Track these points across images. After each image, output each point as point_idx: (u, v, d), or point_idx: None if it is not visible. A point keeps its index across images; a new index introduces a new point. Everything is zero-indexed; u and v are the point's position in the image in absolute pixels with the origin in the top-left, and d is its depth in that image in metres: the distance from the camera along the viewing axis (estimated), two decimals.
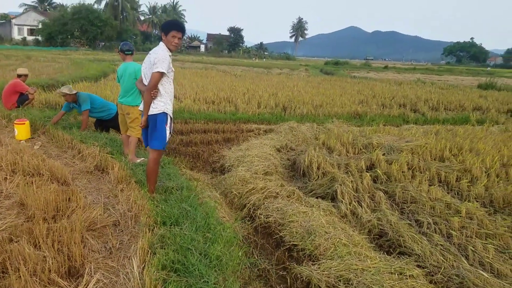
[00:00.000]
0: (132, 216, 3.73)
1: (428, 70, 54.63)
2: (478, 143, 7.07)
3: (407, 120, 11.79)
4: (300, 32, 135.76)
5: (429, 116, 12.34)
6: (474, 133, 8.36)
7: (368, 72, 41.47)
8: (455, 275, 3.57)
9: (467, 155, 6.32)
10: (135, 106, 5.82)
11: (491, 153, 6.41)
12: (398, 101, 14.53)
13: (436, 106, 14.02)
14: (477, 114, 12.90)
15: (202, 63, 39.93)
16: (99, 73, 18.42)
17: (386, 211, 4.65)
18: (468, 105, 14.35)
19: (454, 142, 7.06)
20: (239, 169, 6.06)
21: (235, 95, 13.29)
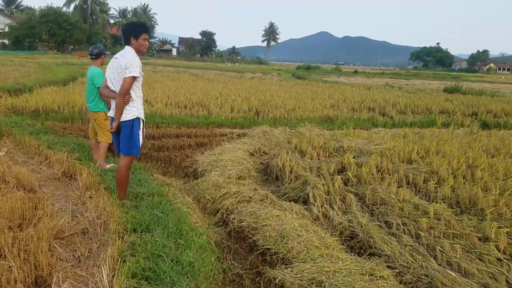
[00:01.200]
0: (102, 223, 3.65)
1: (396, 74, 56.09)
2: (444, 146, 7.29)
3: (376, 124, 12.05)
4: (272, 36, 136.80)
5: (397, 120, 12.66)
6: (440, 136, 8.62)
7: (339, 76, 42.18)
8: (424, 275, 3.66)
9: (434, 157, 6.50)
10: (98, 111, 5.74)
11: (457, 155, 6.63)
12: (367, 105, 14.83)
13: (404, 110, 14.39)
14: (443, 117, 13.32)
15: (174, 67, 39.61)
16: (67, 77, 17.99)
17: (356, 213, 4.73)
18: (434, 108, 14.80)
19: (421, 145, 7.27)
20: (212, 173, 6.02)
21: (207, 99, 13.24)
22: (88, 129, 6.30)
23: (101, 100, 5.71)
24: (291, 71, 47.40)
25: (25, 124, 7.70)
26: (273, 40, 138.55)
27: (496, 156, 7.00)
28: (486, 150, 7.52)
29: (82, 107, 10.05)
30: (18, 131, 6.96)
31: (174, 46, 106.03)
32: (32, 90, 12.73)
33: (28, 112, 9.72)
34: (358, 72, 56.68)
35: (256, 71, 41.09)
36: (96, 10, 72.49)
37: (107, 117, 5.70)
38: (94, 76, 5.70)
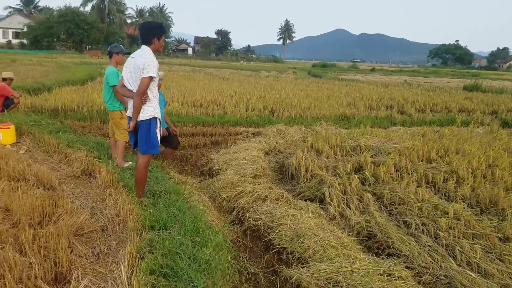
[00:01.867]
0: (120, 220, 3.69)
1: (414, 72, 55.29)
2: (464, 145, 7.17)
3: (394, 122, 11.90)
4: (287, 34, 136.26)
5: (416, 118, 12.48)
6: (460, 135, 8.48)
7: (356, 74, 41.80)
8: (443, 275, 3.60)
9: (454, 157, 6.40)
10: (114, 110, 5.82)
11: (477, 154, 6.50)
12: (385, 103, 14.66)
13: (422, 108, 14.19)
14: (463, 116, 13.09)
15: (190, 66, 39.85)
16: (85, 77, 18.24)
17: (374, 212, 4.68)
18: (454, 106, 14.55)
19: (440, 144, 7.15)
20: (227, 172, 6.04)
21: (223, 98, 13.27)
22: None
23: (116, 99, 5.77)
24: (306, 69, 47.18)
25: (44, 123, 7.84)
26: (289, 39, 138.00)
27: None
28: (506, 149, 7.36)
29: (101, 106, 10.19)
30: (38, 129, 7.10)
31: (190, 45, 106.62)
32: (51, 90, 12.96)
33: (47, 111, 9.90)
34: (375, 70, 56.09)
35: (271, 70, 41.02)
36: (113, 10, 73.29)
37: (122, 116, 5.77)
38: (108, 75, 5.77)
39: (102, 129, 8.81)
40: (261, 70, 39.23)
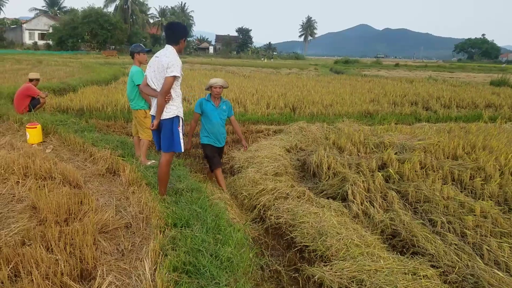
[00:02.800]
0: (144, 218, 3.74)
1: (439, 67, 54.04)
2: (491, 141, 6.96)
3: (419, 118, 11.66)
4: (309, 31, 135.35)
5: (441, 114, 12.19)
6: (487, 131, 8.24)
7: (379, 70, 41.15)
8: (470, 274, 3.51)
9: (480, 153, 6.22)
10: (138, 109, 5.89)
11: (505, 151, 6.31)
12: (409, 99, 14.39)
13: (448, 104, 13.86)
14: (490, 111, 12.72)
15: (211, 64, 40.07)
16: (110, 77, 18.57)
17: (399, 211, 4.60)
18: (480, 102, 14.15)
19: (467, 140, 6.97)
20: (248, 170, 6.05)
21: (244, 96, 13.29)
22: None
23: (141, 98, 5.85)
24: (328, 66, 46.76)
25: (70, 122, 8.02)
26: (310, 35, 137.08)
27: None
28: None
29: (125, 105, 10.36)
30: (64, 129, 7.26)
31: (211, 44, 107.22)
32: (76, 90, 13.25)
33: (73, 110, 10.14)
34: (399, 65, 55.06)
35: (293, 67, 40.83)
36: (136, 10, 74.34)
37: (146, 115, 5.84)
38: (133, 75, 5.85)
39: (126, 128, 8.96)
40: (282, 67, 39.10)
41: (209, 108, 5.42)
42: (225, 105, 5.56)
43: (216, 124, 5.45)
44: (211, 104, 5.43)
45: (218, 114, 5.46)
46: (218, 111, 5.47)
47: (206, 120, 5.46)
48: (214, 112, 5.43)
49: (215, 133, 5.48)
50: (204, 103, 5.45)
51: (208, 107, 5.42)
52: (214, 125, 5.45)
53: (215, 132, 5.47)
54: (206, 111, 5.42)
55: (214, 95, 5.40)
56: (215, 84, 5.37)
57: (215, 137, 5.51)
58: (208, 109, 5.42)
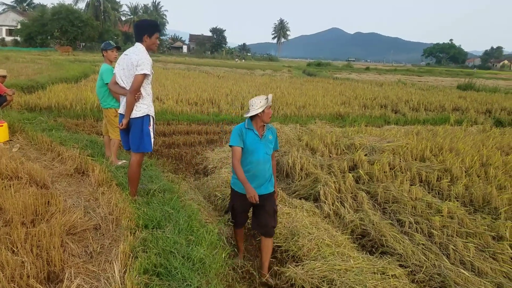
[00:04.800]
0: (114, 219, 3.66)
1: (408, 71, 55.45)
2: (458, 143, 7.20)
3: (388, 121, 11.94)
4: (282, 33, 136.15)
5: (410, 117, 12.52)
6: (453, 133, 8.52)
7: (350, 73, 41.85)
8: (437, 274, 3.62)
9: (447, 155, 6.42)
10: (108, 108, 5.79)
11: (470, 153, 6.54)
12: (379, 102, 14.70)
13: (416, 107, 14.24)
14: (457, 115, 13.16)
15: (185, 64, 39.71)
16: (79, 74, 18.12)
17: (368, 211, 4.70)
18: (448, 105, 14.61)
19: (434, 142, 7.18)
20: (222, 170, 6.03)
21: (218, 96, 13.27)
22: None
23: (111, 97, 5.74)
24: (301, 68, 47.18)
25: (37, 121, 7.78)
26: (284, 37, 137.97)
27: (510, 154, 6.89)
28: (500, 148, 7.40)
29: (94, 103, 10.13)
30: (31, 127, 7.04)
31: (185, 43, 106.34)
32: (45, 87, 12.86)
33: (41, 108, 9.83)
34: (370, 69, 56.19)
35: (267, 68, 40.97)
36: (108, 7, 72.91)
37: (117, 114, 5.74)
38: (102, 73, 5.77)
39: (95, 127, 8.76)
40: (256, 68, 39.18)
41: (252, 140, 3.71)
42: (271, 134, 3.86)
43: (260, 162, 3.72)
44: (254, 134, 3.72)
45: (264, 148, 3.75)
46: (264, 143, 3.75)
47: (244, 155, 3.74)
48: (258, 145, 3.72)
49: (257, 175, 3.73)
50: (244, 131, 3.74)
51: (250, 138, 3.72)
52: (257, 163, 3.73)
53: (257, 173, 3.73)
54: (247, 143, 3.72)
55: (263, 120, 3.69)
56: (268, 104, 3.68)
57: (256, 181, 3.73)
58: (250, 141, 3.71)
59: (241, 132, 3.72)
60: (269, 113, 3.70)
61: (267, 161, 3.79)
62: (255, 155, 3.71)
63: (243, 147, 3.71)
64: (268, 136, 3.80)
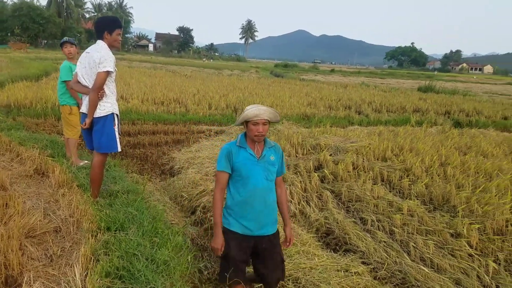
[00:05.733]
0: (75, 221, 3.56)
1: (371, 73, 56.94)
2: (418, 143, 7.45)
3: (352, 122, 12.21)
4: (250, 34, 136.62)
5: (373, 118, 12.86)
6: (414, 134, 8.80)
7: (316, 75, 42.53)
8: (398, 270, 3.73)
9: (408, 155, 6.63)
10: (63, 105, 5.68)
11: (430, 153, 6.78)
12: (344, 103, 15.00)
13: (379, 108, 14.63)
14: (417, 116, 13.60)
15: (151, 62, 39.11)
16: (40, 72, 17.53)
17: (333, 210, 4.79)
18: (408, 107, 15.09)
19: (395, 143, 7.40)
20: (189, 171, 5.98)
21: (185, 96, 13.15)
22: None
23: (68, 94, 5.62)
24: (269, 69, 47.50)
25: None
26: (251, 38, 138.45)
27: (467, 154, 7.19)
28: (458, 148, 7.72)
29: (55, 102, 9.82)
30: None
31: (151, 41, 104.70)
32: (4, 85, 12.35)
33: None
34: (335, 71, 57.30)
35: (234, 68, 40.99)
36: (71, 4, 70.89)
37: (72, 111, 5.61)
38: (61, 70, 5.68)
39: (56, 126, 8.49)
40: (224, 68, 39.14)
41: (246, 161, 2.83)
42: (274, 154, 2.93)
43: (258, 190, 2.82)
44: (248, 153, 2.85)
45: (263, 171, 2.85)
46: (263, 166, 2.86)
47: (237, 183, 2.87)
48: (254, 168, 2.82)
49: (257, 209, 2.84)
50: (234, 150, 2.86)
51: (242, 159, 2.84)
52: (254, 192, 2.83)
53: (256, 207, 2.84)
54: (239, 165, 2.83)
55: (253, 135, 2.81)
56: (258, 116, 2.78)
57: (256, 218, 2.85)
58: (243, 163, 2.83)
59: (229, 153, 2.82)
60: (256, 130, 2.76)
61: (269, 190, 2.87)
62: (252, 181, 2.78)
63: (233, 172, 2.82)
64: (269, 156, 2.87)
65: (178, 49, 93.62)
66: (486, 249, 4.14)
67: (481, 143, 8.12)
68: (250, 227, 2.84)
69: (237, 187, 2.85)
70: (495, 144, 8.31)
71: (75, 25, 70.04)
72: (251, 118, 2.77)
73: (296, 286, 3.31)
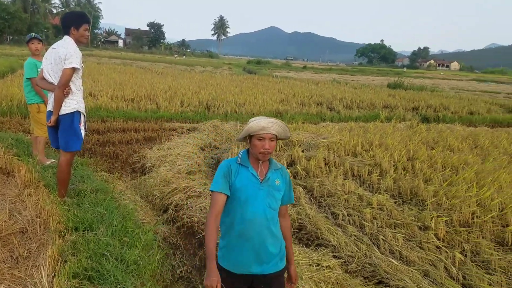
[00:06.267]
0: (41, 222, 3.47)
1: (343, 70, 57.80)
2: (387, 139, 7.60)
3: (324, 118, 12.37)
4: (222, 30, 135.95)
5: (344, 114, 13.06)
6: (383, 129, 8.98)
7: (289, 71, 42.80)
8: (368, 263, 3.80)
9: (377, 150, 6.76)
10: (31, 104, 5.52)
11: (398, 148, 6.93)
12: (315, 100, 15.16)
13: (350, 105, 14.87)
14: (386, 112, 13.91)
15: (121, 58, 38.37)
16: (5, 69, 16.90)
17: (305, 205, 4.83)
18: (378, 103, 15.41)
19: (365, 138, 7.53)
20: (160, 169, 5.91)
21: (156, 93, 12.96)
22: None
23: (33, 92, 5.45)
24: (242, 66, 47.46)
25: None
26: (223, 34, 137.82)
27: (434, 149, 7.39)
28: (425, 142, 7.92)
29: (21, 100, 9.50)
30: None
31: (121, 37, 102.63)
32: None
33: None
34: (307, 68, 57.83)
35: (207, 65, 40.74)
36: None
37: (40, 110, 5.45)
38: (24, 67, 5.49)
39: (23, 125, 8.22)
40: (196, 65, 38.81)
41: (246, 182, 2.34)
42: (280, 177, 2.44)
43: (258, 220, 2.31)
44: (250, 173, 2.36)
45: (266, 197, 2.35)
46: (266, 191, 2.36)
47: (233, 208, 2.35)
48: (256, 193, 2.33)
49: (255, 242, 2.31)
50: (234, 168, 2.38)
51: (243, 179, 2.35)
52: (253, 222, 2.31)
53: (255, 239, 2.31)
54: (239, 186, 2.33)
55: (257, 153, 2.33)
56: (264, 130, 2.31)
57: (254, 253, 2.32)
58: (244, 184, 2.33)
59: (228, 171, 2.33)
60: (261, 147, 2.28)
61: (272, 221, 2.34)
62: (251, 208, 2.28)
63: (231, 194, 2.29)
64: (274, 179, 2.38)
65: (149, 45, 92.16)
66: (453, 241, 4.26)
67: (447, 138, 8.37)
68: (247, 263, 2.30)
69: (233, 212, 2.30)
70: (461, 138, 8.58)
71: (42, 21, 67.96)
72: (256, 131, 2.28)
73: None
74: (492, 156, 7.10)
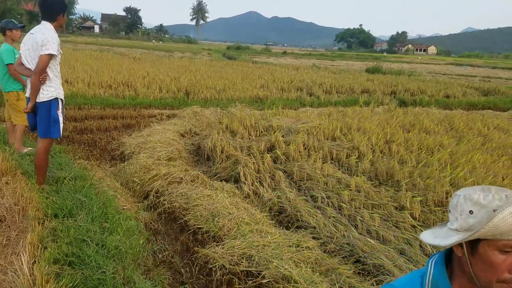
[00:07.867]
0: (20, 210, 3.44)
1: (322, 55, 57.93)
2: (365, 123, 7.72)
3: (303, 103, 12.44)
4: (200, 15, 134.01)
5: (323, 99, 13.16)
6: (361, 114, 9.10)
7: (269, 57, 42.64)
8: (346, 243, 3.91)
9: (356, 134, 6.87)
10: (10, 92, 5.38)
11: (376, 131, 7.05)
12: (295, 85, 15.20)
13: (329, 90, 14.97)
14: (365, 96, 14.06)
15: (97, 44, 37.51)
16: None
17: (285, 189, 4.90)
18: (357, 88, 15.56)
19: (344, 123, 7.63)
20: (140, 156, 5.88)
21: (134, 79, 12.77)
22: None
23: (12, 79, 5.32)
24: (221, 51, 47.05)
25: None
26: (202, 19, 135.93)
27: (411, 131, 7.55)
28: (402, 126, 8.07)
29: None
30: None
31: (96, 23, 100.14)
32: None
33: None
34: (287, 53, 57.71)
35: (186, 51, 40.21)
36: None
37: (19, 97, 5.34)
38: (2, 53, 5.31)
39: None
40: (175, 50, 38.27)
41: None
42: None
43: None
44: None
45: None
46: None
47: None
48: None
49: None
50: None
51: None
52: None
53: None
54: None
55: (493, 280, 1.10)
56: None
57: None
58: None
59: None
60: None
61: None
62: None
63: None
64: None
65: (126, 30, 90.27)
66: (428, 220, 4.40)
67: (424, 121, 8.54)
68: None
69: None
70: (437, 121, 8.78)
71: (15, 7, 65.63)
72: (505, 234, 1.07)
73: (250, 263, 3.39)
74: (466, 138, 7.30)
